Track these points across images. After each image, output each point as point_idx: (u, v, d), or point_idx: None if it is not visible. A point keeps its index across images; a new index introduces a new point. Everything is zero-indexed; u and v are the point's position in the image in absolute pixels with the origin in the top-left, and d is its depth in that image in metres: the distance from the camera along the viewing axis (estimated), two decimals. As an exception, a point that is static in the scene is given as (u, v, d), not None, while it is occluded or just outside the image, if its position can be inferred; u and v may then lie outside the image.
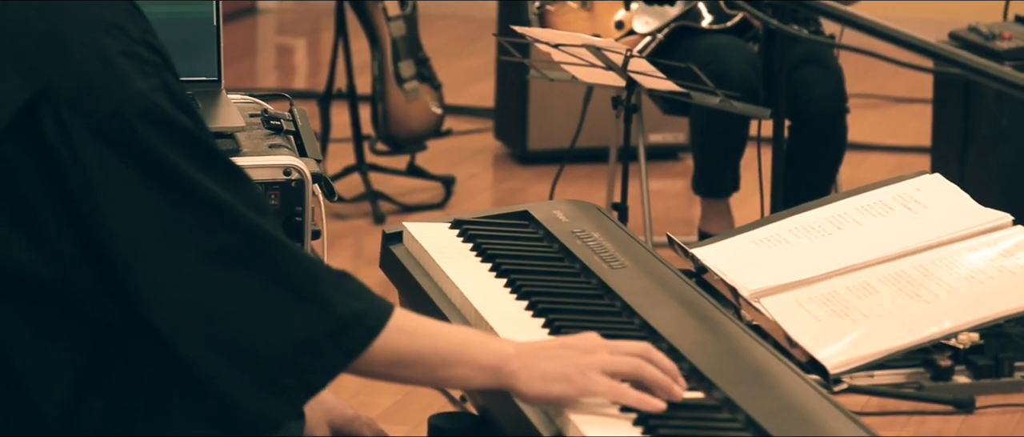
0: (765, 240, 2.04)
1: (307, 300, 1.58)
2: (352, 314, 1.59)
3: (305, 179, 2.26)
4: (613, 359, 1.66)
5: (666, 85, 3.76)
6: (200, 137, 1.58)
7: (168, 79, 1.58)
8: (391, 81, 4.88)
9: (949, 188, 2.06)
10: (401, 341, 1.62)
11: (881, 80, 6.25)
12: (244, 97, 2.56)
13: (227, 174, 1.58)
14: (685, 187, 4.93)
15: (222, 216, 1.56)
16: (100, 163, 1.53)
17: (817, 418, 1.66)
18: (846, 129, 4.29)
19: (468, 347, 1.66)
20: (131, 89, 1.54)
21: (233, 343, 1.55)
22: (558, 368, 1.64)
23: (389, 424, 3.35)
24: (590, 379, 1.64)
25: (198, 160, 1.56)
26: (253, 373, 1.56)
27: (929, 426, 3.57)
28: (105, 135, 1.54)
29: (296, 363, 1.57)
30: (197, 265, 1.55)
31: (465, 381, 1.66)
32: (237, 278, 1.55)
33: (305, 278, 1.58)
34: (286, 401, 1.58)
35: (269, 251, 1.57)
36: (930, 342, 1.82)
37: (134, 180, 1.54)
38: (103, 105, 1.54)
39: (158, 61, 1.58)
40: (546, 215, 2.20)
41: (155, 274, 1.54)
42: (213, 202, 1.56)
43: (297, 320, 1.57)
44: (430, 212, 4.94)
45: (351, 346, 1.59)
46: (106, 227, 1.54)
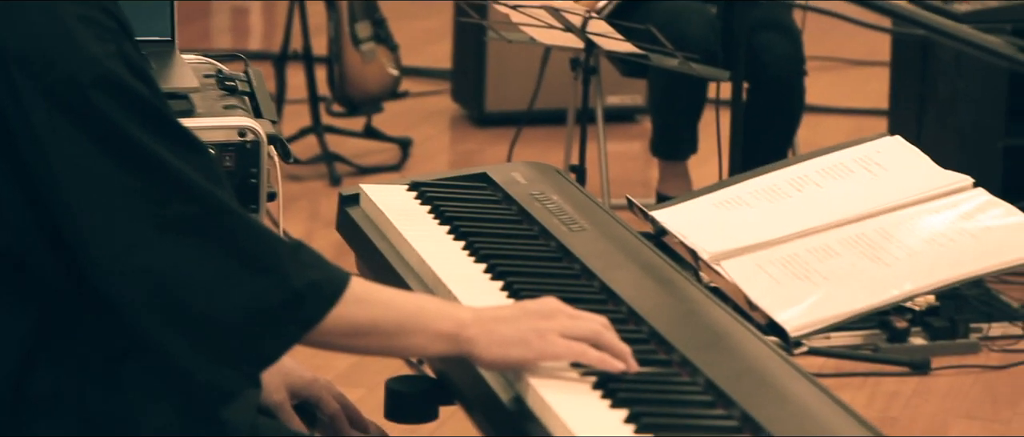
0: (725, 202, 2.03)
1: (261, 270, 1.55)
2: (308, 284, 1.57)
3: (260, 140, 2.24)
4: (572, 324, 1.64)
5: (625, 47, 3.74)
6: (155, 105, 1.55)
7: (124, 45, 1.55)
8: (347, 42, 4.85)
9: (909, 150, 2.06)
10: (357, 311, 1.60)
11: (839, 42, 6.25)
12: (198, 58, 2.53)
13: (181, 143, 1.56)
14: (642, 149, 4.92)
15: (175, 185, 1.53)
16: (52, 128, 1.51)
17: (777, 381, 1.65)
18: (804, 91, 4.29)
19: (423, 314, 1.64)
20: (86, 54, 1.52)
21: (185, 313, 1.53)
22: (516, 332, 1.63)
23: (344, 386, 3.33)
24: (549, 342, 1.63)
25: (152, 128, 1.54)
26: (205, 343, 1.54)
27: (885, 387, 3.58)
28: (58, 100, 1.51)
29: (250, 334, 1.55)
30: (149, 233, 1.52)
31: (422, 349, 1.65)
32: (189, 247, 1.53)
33: (259, 248, 1.56)
34: (240, 372, 1.57)
35: (222, 220, 1.55)
36: (891, 305, 1.81)
37: (86, 146, 1.51)
38: (57, 69, 1.51)
39: (115, 26, 1.56)
40: (505, 177, 2.18)
41: (106, 242, 1.52)
42: (166, 171, 1.53)
43: (251, 290, 1.54)
44: (386, 174, 4.92)
45: (307, 317, 1.57)
46: (57, 194, 1.52)
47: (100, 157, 1.51)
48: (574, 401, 1.60)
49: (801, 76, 4.26)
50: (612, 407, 1.59)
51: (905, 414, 3.46)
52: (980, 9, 4.20)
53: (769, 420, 1.55)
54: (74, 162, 1.51)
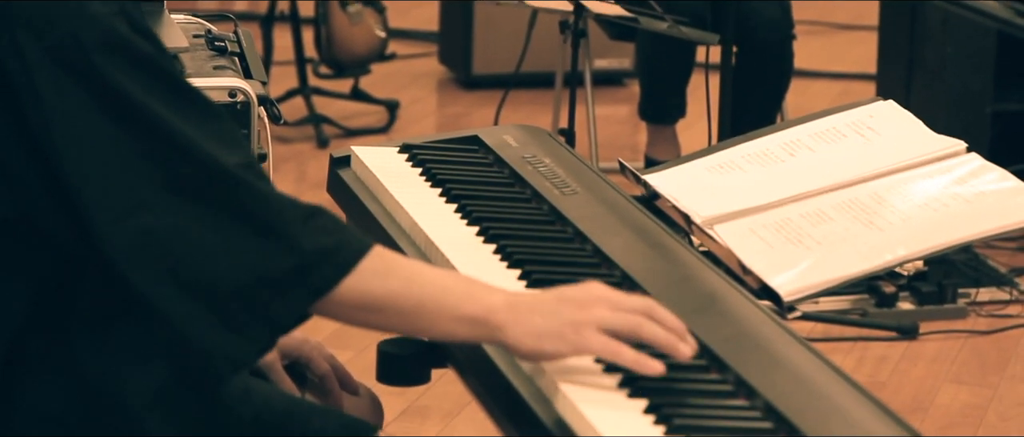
0: (718, 167, 2.02)
1: (269, 235, 1.51)
2: (320, 250, 1.51)
3: (251, 101, 2.23)
4: (612, 316, 1.55)
5: (614, 10, 3.73)
6: (160, 64, 1.52)
7: (126, 5, 1.53)
8: (334, 4, 4.83)
9: (902, 115, 2.05)
10: (374, 283, 1.52)
11: (826, 7, 6.24)
12: (187, 17, 2.51)
13: (188, 103, 1.53)
14: (630, 113, 4.91)
15: (178, 146, 1.50)
16: (55, 87, 1.49)
17: (770, 345, 1.65)
18: (792, 55, 4.28)
19: (449, 293, 1.55)
20: (88, 12, 1.50)
21: (187, 276, 1.50)
22: (552, 324, 1.54)
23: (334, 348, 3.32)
24: (585, 337, 1.53)
25: (157, 87, 1.51)
26: (210, 308, 1.50)
27: (873, 352, 3.59)
28: (61, 59, 1.49)
29: (256, 299, 1.50)
30: (150, 196, 1.49)
31: (445, 331, 1.56)
32: (193, 209, 1.50)
33: (268, 212, 1.52)
34: (247, 338, 1.51)
35: (228, 183, 1.51)
36: (884, 270, 1.80)
37: (89, 106, 1.49)
38: (59, 28, 1.49)
39: None
40: (496, 140, 2.18)
41: (108, 203, 1.49)
42: (169, 132, 1.50)
43: (258, 255, 1.50)
44: (374, 136, 4.90)
45: (318, 283, 1.51)
46: (60, 155, 1.49)
47: (103, 117, 1.49)
48: (570, 368, 1.59)
49: (790, 40, 4.26)
50: (605, 371, 1.58)
51: (893, 379, 3.47)
52: (970, -27, 4.19)
53: (763, 384, 1.55)
54: (77, 122, 1.49)
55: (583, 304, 1.55)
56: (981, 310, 3.76)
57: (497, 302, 1.55)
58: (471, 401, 1.73)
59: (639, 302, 1.57)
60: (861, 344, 3.62)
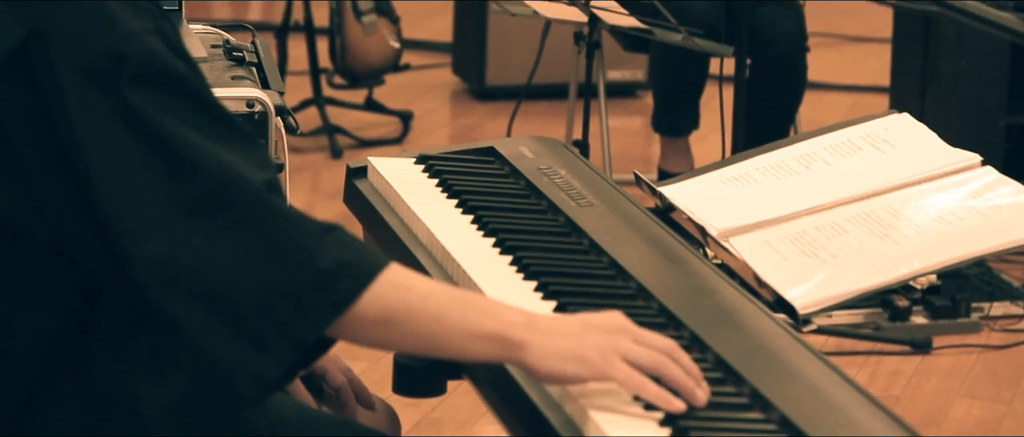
0: (733, 179, 2.03)
1: (289, 252, 1.51)
2: (338, 264, 1.51)
3: (268, 112, 2.24)
4: (637, 349, 1.53)
5: (629, 21, 3.74)
6: (191, 83, 1.52)
7: (161, 23, 1.53)
8: (349, 14, 4.84)
9: (918, 128, 2.06)
10: (392, 295, 1.51)
11: (839, 19, 6.24)
12: (205, 27, 2.52)
13: (215, 122, 1.52)
14: (644, 125, 4.91)
15: (204, 166, 1.50)
16: (85, 106, 1.49)
17: (786, 358, 1.65)
18: (806, 68, 4.29)
19: (468, 308, 1.54)
20: (123, 30, 1.50)
21: (211, 295, 1.49)
22: (575, 347, 1.52)
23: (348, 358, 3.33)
24: (609, 363, 1.52)
25: (186, 108, 1.51)
26: (233, 326, 1.50)
27: (886, 366, 3.59)
28: (93, 76, 1.49)
29: (279, 316, 1.50)
30: (175, 215, 1.49)
31: (463, 348, 1.54)
32: (216, 229, 1.50)
33: (288, 230, 1.51)
34: (271, 356, 1.50)
35: (251, 203, 1.50)
36: (899, 283, 1.81)
37: (117, 125, 1.49)
38: (93, 46, 1.49)
39: (151, 7, 1.54)
40: (512, 151, 2.18)
41: (133, 222, 1.49)
42: (196, 152, 1.50)
43: (279, 272, 1.50)
44: (388, 147, 4.91)
45: (338, 297, 1.50)
46: (89, 172, 1.49)
47: (130, 137, 1.49)
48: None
49: (803, 52, 4.26)
50: (622, 382, 1.59)
51: (906, 393, 3.47)
52: (983, -14, 4.19)
53: (779, 397, 1.56)
54: (105, 141, 1.49)
55: (607, 331, 1.54)
56: (995, 324, 3.75)
57: (517, 320, 1.54)
58: (486, 412, 1.73)
59: (662, 341, 1.56)
60: (874, 358, 3.62)
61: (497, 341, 1.53)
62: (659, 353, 1.54)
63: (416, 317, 1.53)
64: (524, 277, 1.81)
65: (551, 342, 1.53)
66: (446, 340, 1.54)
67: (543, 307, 1.74)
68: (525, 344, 1.53)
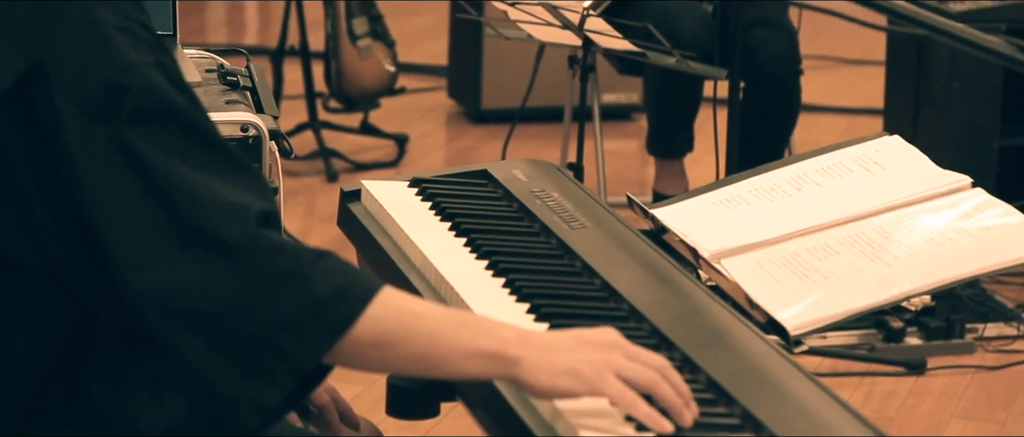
0: (725, 201, 2.04)
1: (285, 281, 1.52)
2: (333, 290, 1.52)
3: (262, 136, 2.25)
4: (630, 365, 1.54)
5: (622, 45, 3.75)
6: (190, 116, 1.53)
7: (162, 57, 1.54)
8: (344, 38, 4.85)
9: (908, 150, 2.07)
10: (387, 317, 1.53)
11: (833, 41, 6.26)
12: (199, 52, 2.53)
13: (213, 154, 1.54)
14: (638, 147, 4.93)
15: (201, 197, 1.51)
16: (82, 136, 1.50)
17: (778, 379, 1.66)
18: (800, 90, 4.30)
19: (463, 328, 1.55)
20: (122, 63, 1.51)
21: (208, 324, 1.51)
22: (569, 362, 1.53)
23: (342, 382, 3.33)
24: (602, 378, 1.53)
25: (184, 141, 1.52)
26: (232, 355, 1.51)
27: (881, 387, 3.59)
28: (91, 108, 1.50)
29: (278, 344, 1.51)
30: (173, 246, 1.50)
31: (459, 367, 1.55)
32: (212, 259, 1.51)
33: (283, 259, 1.52)
34: (272, 383, 1.51)
35: (246, 234, 1.51)
36: (890, 304, 1.82)
37: (114, 155, 1.50)
38: (93, 78, 1.50)
39: (152, 40, 1.55)
40: (505, 174, 2.19)
41: (128, 252, 1.50)
42: (193, 184, 1.51)
43: (275, 300, 1.51)
44: (383, 170, 4.92)
45: (336, 322, 1.52)
46: (87, 203, 1.50)
47: (127, 169, 1.50)
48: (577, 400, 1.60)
49: (797, 75, 4.27)
50: (610, 403, 1.59)
51: (901, 414, 3.47)
52: (975, 9, 4.21)
53: (770, 418, 1.56)
54: (103, 173, 1.50)
55: (601, 347, 1.55)
56: (989, 345, 3.76)
57: (511, 337, 1.55)
58: (480, 435, 1.74)
59: (655, 359, 1.57)
60: (869, 379, 3.62)
61: (492, 358, 1.54)
62: (652, 371, 1.55)
63: (412, 338, 1.54)
64: (517, 299, 1.82)
65: (545, 357, 1.54)
66: (442, 359, 1.55)
67: (535, 329, 1.74)
68: (519, 360, 1.54)
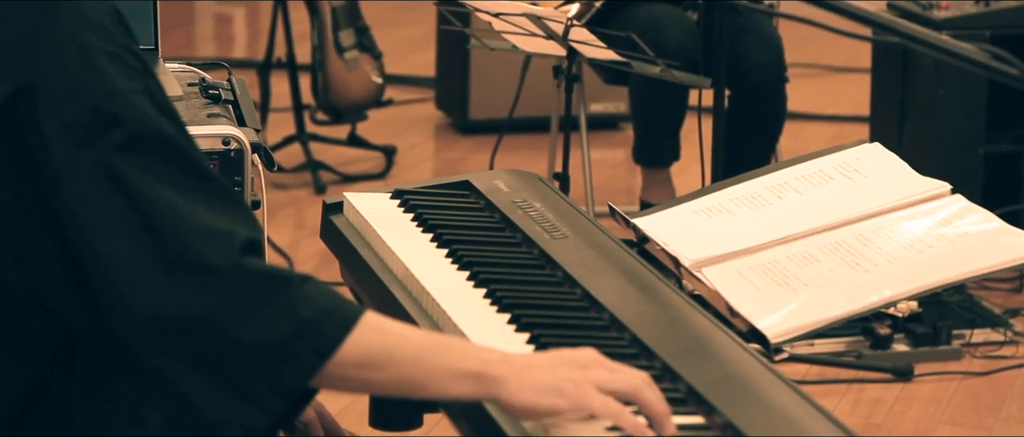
0: (706, 210, 2.04)
1: (269, 304, 1.52)
2: (319, 313, 1.53)
3: (244, 149, 2.25)
4: (610, 377, 1.56)
5: (606, 54, 3.76)
6: (177, 144, 1.54)
7: (150, 84, 1.55)
8: (331, 50, 4.86)
9: (888, 157, 2.07)
10: (372, 339, 1.54)
11: (820, 49, 6.27)
12: (182, 66, 2.54)
13: (198, 181, 1.54)
14: (626, 157, 4.93)
15: (185, 223, 1.51)
16: (69, 160, 1.50)
17: (758, 387, 1.67)
18: (785, 98, 4.31)
19: (446, 350, 1.57)
20: (110, 88, 1.51)
21: (195, 350, 1.51)
22: (551, 379, 1.55)
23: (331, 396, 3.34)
24: (585, 393, 1.54)
25: (170, 168, 1.52)
26: (220, 379, 1.52)
27: (868, 394, 3.60)
28: (78, 132, 1.50)
29: (265, 367, 1.52)
30: (155, 273, 1.50)
31: (443, 388, 1.56)
32: (197, 285, 1.51)
33: (268, 284, 1.53)
34: (260, 407, 1.52)
35: (228, 260, 1.52)
36: (870, 311, 1.82)
37: (99, 180, 1.50)
38: (80, 103, 1.51)
39: (140, 67, 1.56)
40: (487, 185, 2.20)
41: (115, 278, 1.50)
42: (176, 210, 1.52)
43: (261, 325, 1.52)
44: (371, 182, 4.93)
45: (322, 345, 1.53)
46: (70, 227, 1.51)
47: (112, 193, 1.50)
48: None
49: (783, 83, 4.28)
50: (590, 416, 1.59)
51: (888, 421, 3.48)
52: (959, 16, 4.22)
53: (750, 426, 1.57)
54: (87, 196, 1.50)
55: (581, 364, 1.57)
56: (976, 351, 3.77)
57: (493, 358, 1.57)
58: (463, 445, 1.74)
59: (635, 371, 1.59)
60: (856, 386, 3.63)
61: (475, 378, 1.56)
62: (634, 380, 1.57)
63: (396, 360, 1.56)
64: (498, 310, 1.82)
65: (527, 376, 1.55)
66: (426, 380, 1.56)
67: (516, 339, 1.75)
68: (501, 379, 1.55)
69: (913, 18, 4.24)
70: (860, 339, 3.72)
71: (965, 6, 4.27)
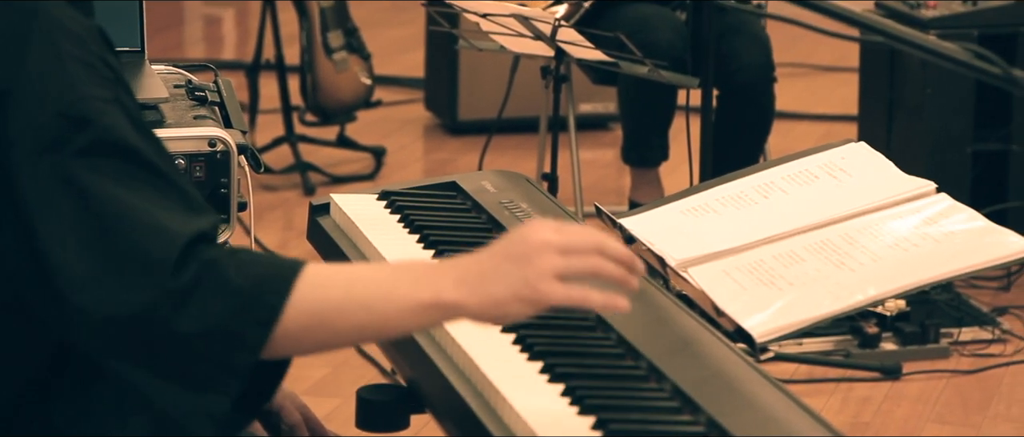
0: (692, 210, 2.04)
1: (203, 289, 1.50)
2: (254, 283, 1.51)
3: (230, 150, 2.25)
4: (566, 262, 1.52)
5: (594, 55, 3.76)
6: (141, 152, 1.53)
7: (122, 95, 1.55)
8: (320, 51, 4.86)
9: (874, 156, 2.08)
10: (316, 296, 1.50)
11: (808, 49, 6.28)
12: (168, 68, 2.54)
13: (158, 183, 1.53)
14: (615, 157, 4.93)
15: (135, 224, 1.51)
16: (30, 163, 1.50)
17: (743, 386, 1.67)
18: (774, 98, 4.31)
19: (395, 286, 1.52)
20: (78, 93, 1.52)
21: (142, 346, 1.50)
22: (507, 288, 1.51)
23: (319, 397, 3.34)
24: (544, 292, 1.51)
25: (130, 171, 1.52)
26: (169, 372, 1.51)
27: (856, 393, 3.60)
28: (43, 137, 1.50)
29: (211, 351, 1.50)
30: (104, 271, 1.50)
31: (402, 326, 1.53)
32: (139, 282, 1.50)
33: (203, 268, 1.51)
34: (217, 392, 1.51)
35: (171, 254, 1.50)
36: (855, 310, 1.82)
37: (56, 183, 1.50)
38: (48, 107, 1.51)
39: (113, 77, 1.56)
40: (474, 186, 2.20)
41: (66, 278, 1.50)
42: (128, 210, 1.51)
43: (199, 308, 1.50)
44: (360, 183, 4.92)
45: (264, 314, 1.50)
46: (32, 231, 1.51)
47: (66, 196, 1.50)
48: (543, 409, 1.61)
49: (771, 83, 4.28)
50: (580, 414, 1.60)
51: (877, 419, 3.48)
52: (946, 15, 4.23)
53: (735, 426, 1.57)
54: (44, 199, 1.50)
55: (531, 256, 1.52)
56: (964, 350, 3.77)
57: (446, 281, 1.52)
58: (450, 445, 1.74)
59: (588, 240, 1.54)
60: (845, 385, 3.63)
61: (432, 309, 1.53)
62: (591, 256, 1.53)
63: (345, 311, 1.53)
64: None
65: (485, 293, 1.52)
66: (382, 324, 1.53)
67: (503, 340, 1.75)
68: (460, 304, 1.52)
69: (900, 17, 4.25)
70: (848, 338, 3.73)
71: (952, 5, 4.27)
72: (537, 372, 1.68)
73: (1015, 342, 3.80)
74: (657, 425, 1.59)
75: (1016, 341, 3.80)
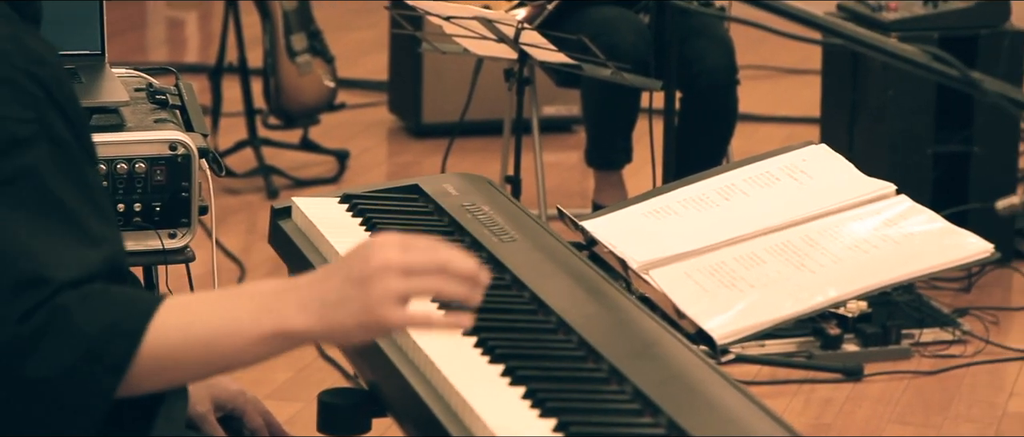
0: (654, 212, 2.05)
1: (53, 334, 1.47)
2: (103, 329, 1.47)
3: (191, 154, 2.24)
4: (408, 285, 1.50)
5: (557, 57, 3.76)
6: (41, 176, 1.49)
7: (48, 115, 1.52)
8: (283, 54, 4.84)
9: (834, 158, 2.09)
10: (164, 338, 1.48)
11: (771, 51, 6.30)
12: (129, 71, 2.53)
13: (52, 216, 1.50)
14: (579, 159, 4.94)
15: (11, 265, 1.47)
16: None
17: (704, 388, 1.67)
18: (737, 100, 4.32)
19: (237, 319, 1.50)
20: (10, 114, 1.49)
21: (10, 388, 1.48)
22: (350, 314, 1.50)
23: (281, 401, 3.33)
24: (386, 318, 1.49)
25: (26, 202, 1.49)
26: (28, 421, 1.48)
27: (818, 394, 3.62)
28: None
29: (64, 398, 1.47)
30: None
31: (252, 358, 1.51)
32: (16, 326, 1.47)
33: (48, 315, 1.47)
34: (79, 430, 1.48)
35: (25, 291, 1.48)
36: (816, 311, 1.83)
37: None
38: None
39: (41, 96, 1.53)
40: (436, 189, 2.20)
41: None
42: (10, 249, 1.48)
43: (48, 357, 1.47)
44: (324, 186, 4.91)
45: (114, 361, 1.47)
46: None
47: None
48: (504, 412, 1.61)
49: (734, 85, 4.30)
50: (541, 416, 1.60)
51: (839, 420, 3.49)
52: (907, 17, 4.25)
53: (696, 427, 1.57)
54: None
55: (371, 278, 1.49)
56: (925, 351, 3.79)
57: (288, 308, 1.50)
58: (412, 449, 1.74)
59: (431, 258, 1.52)
60: (807, 386, 3.65)
61: (278, 338, 1.51)
62: (433, 276, 1.52)
63: (191, 351, 1.50)
64: (446, 313, 1.82)
65: (331, 320, 1.50)
66: (230, 359, 1.52)
67: (464, 343, 1.75)
68: (305, 332, 1.51)
69: (862, 20, 4.27)
70: (810, 339, 3.74)
71: (914, 7, 4.30)
72: (499, 375, 1.68)
73: (976, 343, 3.82)
74: (618, 427, 1.59)
75: (977, 342, 3.83)
